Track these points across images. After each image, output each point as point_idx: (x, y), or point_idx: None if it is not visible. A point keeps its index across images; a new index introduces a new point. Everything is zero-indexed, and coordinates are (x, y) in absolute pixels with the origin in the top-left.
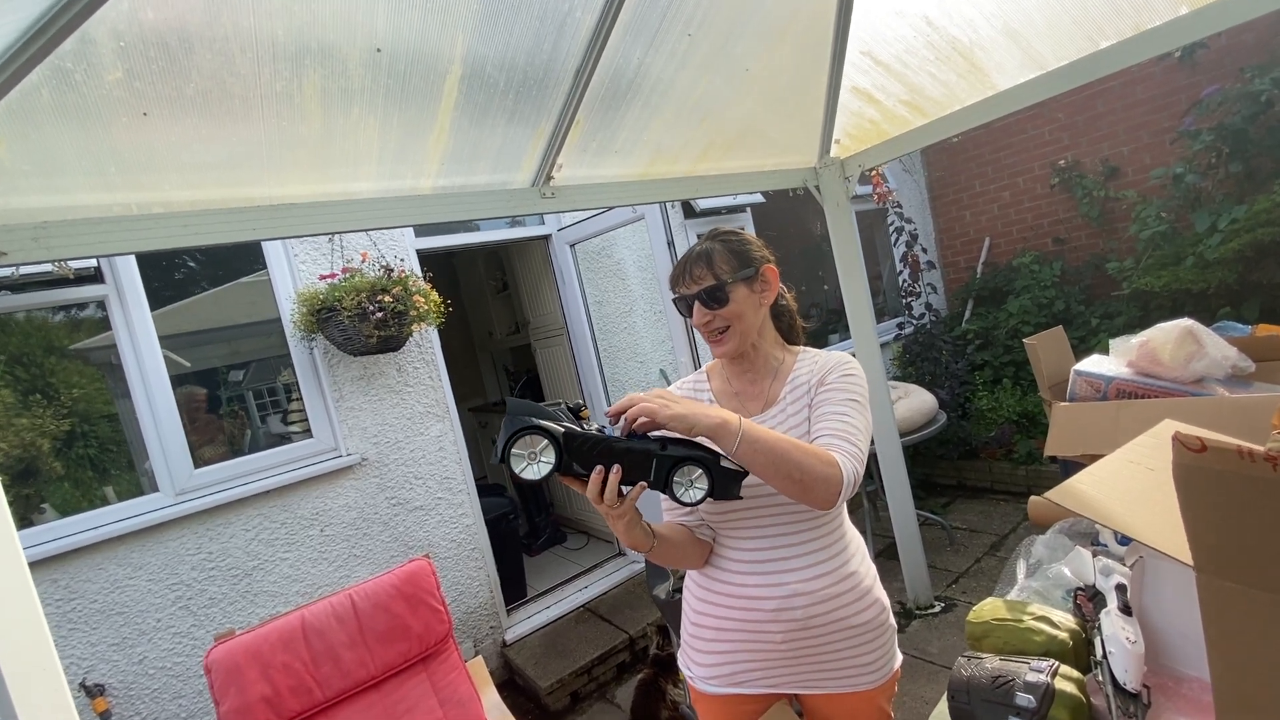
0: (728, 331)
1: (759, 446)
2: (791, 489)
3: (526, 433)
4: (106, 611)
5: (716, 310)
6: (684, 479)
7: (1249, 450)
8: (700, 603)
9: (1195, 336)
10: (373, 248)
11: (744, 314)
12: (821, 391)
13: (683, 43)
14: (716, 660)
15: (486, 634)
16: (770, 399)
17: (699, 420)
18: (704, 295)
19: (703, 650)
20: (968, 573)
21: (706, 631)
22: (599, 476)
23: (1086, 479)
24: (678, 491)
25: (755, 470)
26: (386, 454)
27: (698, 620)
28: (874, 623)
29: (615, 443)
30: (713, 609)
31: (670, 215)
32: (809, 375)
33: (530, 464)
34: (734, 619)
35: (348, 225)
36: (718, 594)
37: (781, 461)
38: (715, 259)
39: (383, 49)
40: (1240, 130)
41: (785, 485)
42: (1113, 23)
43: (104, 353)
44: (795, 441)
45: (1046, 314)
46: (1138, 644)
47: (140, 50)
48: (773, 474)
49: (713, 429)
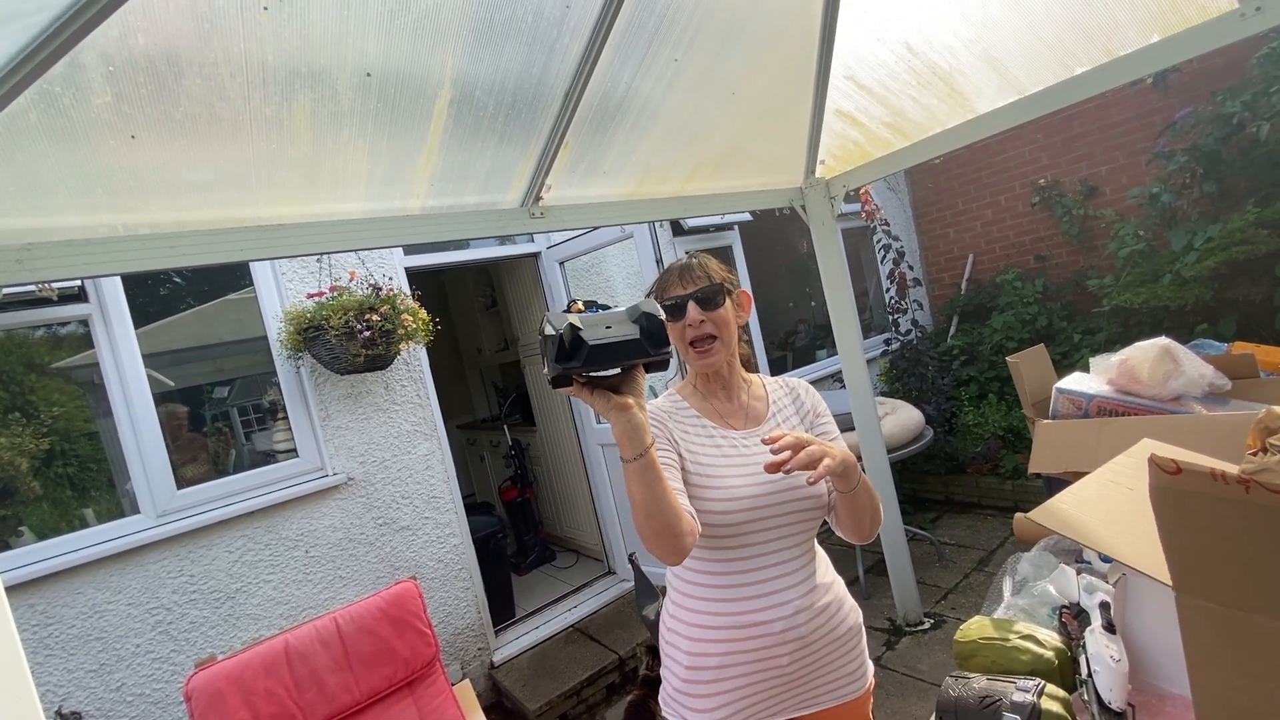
0: (715, 342)
1: (867, 486)
2: (862, 527)
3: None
4: (84, 637)
5: (710, 313)
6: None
7: (1222, 473)
8: (697, 643)
9: (1172, 355)
10: (361, 266)
11: (730, 324)
12: (820, 423)
13: (670, 66)
14: (721, 701)
15: (474, 655)
16: (755, 416)
17: (849, 459)
18: (701, 295)
19: (703, 695)
20: (956, 589)
21: (708, 673)
22: None
23: (1068, 498)
24: None
25: (854, 507)
26: (373, 473)
27: (695, 663)
28: (855, 629)
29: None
30: (714, 645)
31: (659, 233)
32: (789, 397)
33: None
34: (741, 650)
35: (336, 246)
36: (719, 628)
37: (873, 501)
38: (710, 266)
39: (373, 73)
40: (1213, 151)
41: (859, 524)
42: (1086, 50)
43: (86, 371)
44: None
45: (1030, 330)
46: (1122, 662)
47: (129, 75)
48: (865, 512)
49: (848, 469)
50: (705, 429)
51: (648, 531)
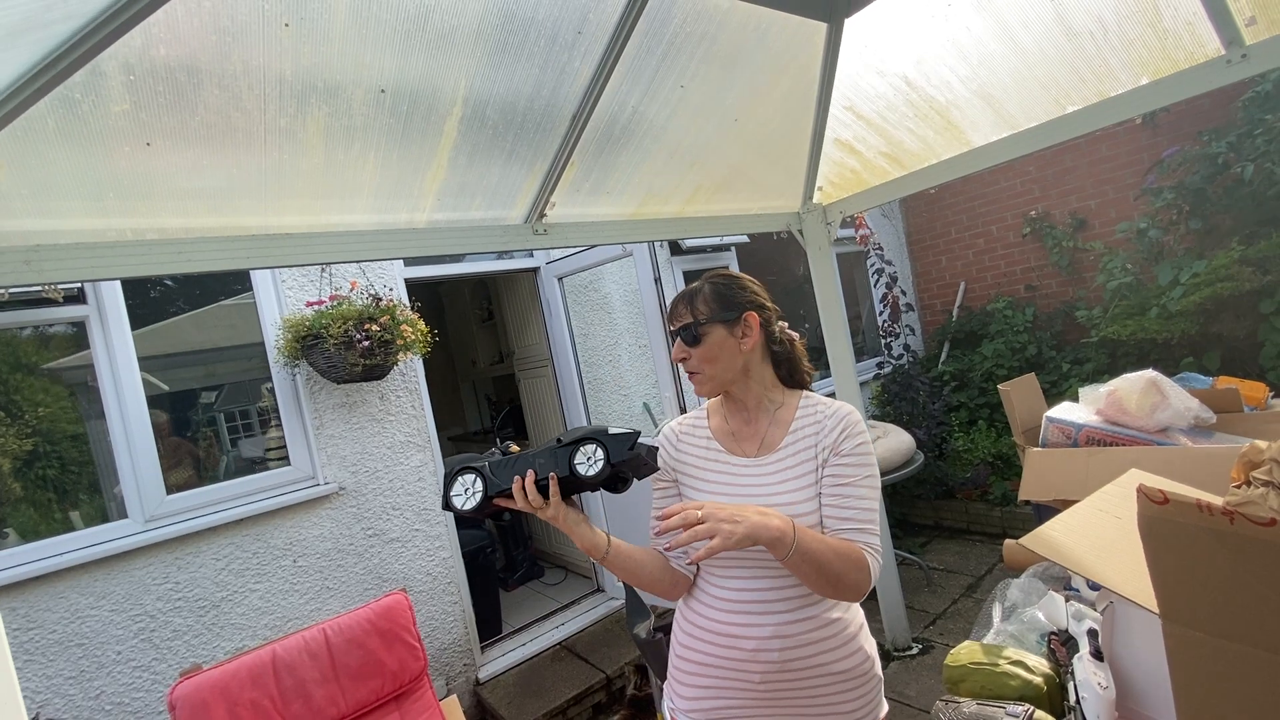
0: (701, 374)
1: (808, 556)
2: (825, 589)
3: (459, 475)
4: (65, 643)
5: (691, 350)
6: (583, 458)
7: (1208, 504)
8: (686, 636)
9: (1159, 388)
10: (362, 276)
11: (718, 358)
12: (838, 462)
13: (676, 92)
14: (698, 694)
15: (460, 671)
16: (769, 443)
17: (761, 535)
18: (682, 333)
19: (686, 684)
20: (945, 614)
21: (691, 665)
22: (518, 484)
23: (1058, 526)
24: (581, 470)
25: (798, 574)
26: (365, 483)
27: (683, 654)
28: (856, 670)
29: (523, 454)
30: (696, 643)
31: (658, 252)
32: (815, 428)
33: (468, 498)
34: (715, 655)
35: (341, 256)
36: (701, 629)
37: (825, 570)
38: (698, 300)
39: (387, 90)
40: (1199, 189)
41: (819, 586)
42: (1079, 90)
43: (78, 373)
44: (836, 549)
45: (1020, 358)
46: (1109, 689)
47: (149, 84)
48: (814, 578)
49: (772, 541)
50: (711, 451)
51: (620, 576)
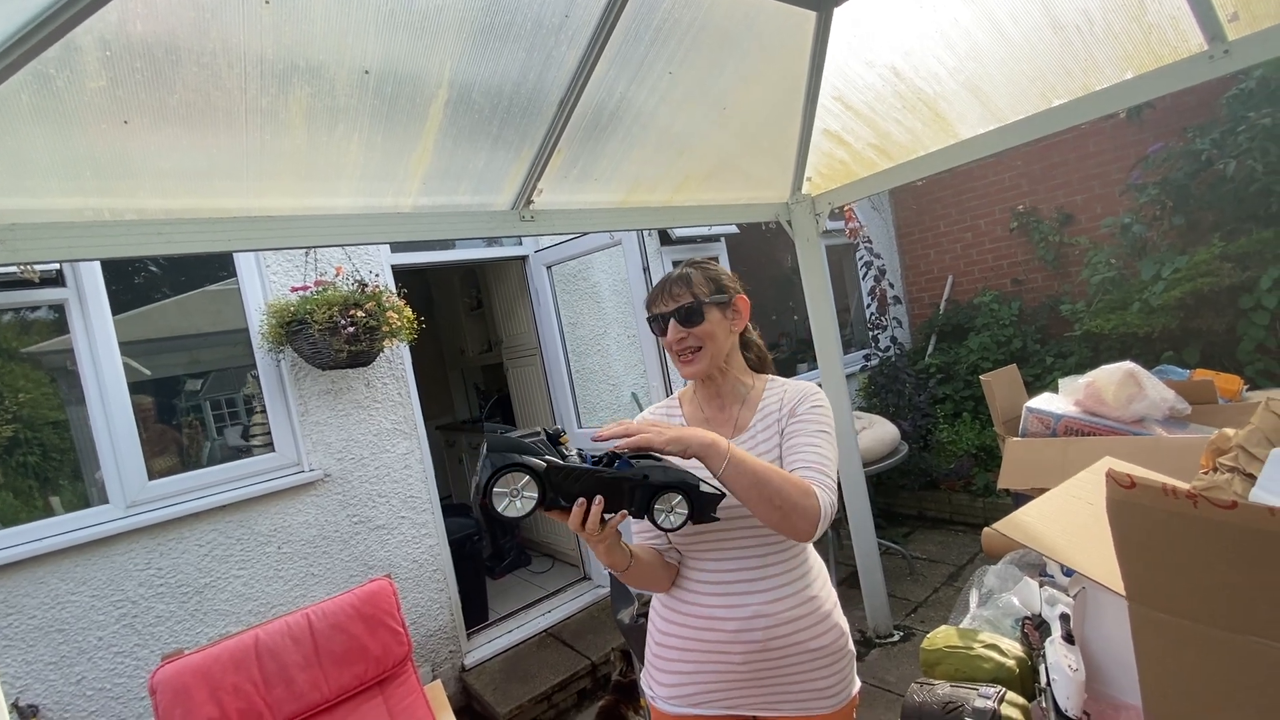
0: (699, 352)
1: (743, 469)
2: (772, 515)
3: (509, 470)
4: (45, 628)
5: (690, 329)
6: (665, 505)
7: (1173, 488)
8: (665, 623)
9: (1136, 379)
10: (348, 262)
11: (715, 335)
12: (793, 422)
13: (664, 79)
14: (678, 680)
15: (445, 658)
16: (740, 425)
17: (691, 441)
18: (681, 313)
19: (665, 670)
20: (926, 602)
21: (670, 651)
22: (581, 509)
23: (1032, 512)
24: (659, 518)
25: (738, 493)
26: (350, 470)
27: (662, 640)
28: (832, 647)
29: (598, 473)
30: (677, 629)
31: (647, 242)
32: (778, 403)
33: (513, 500)
34: (697, 639)
35: (325, 240)
36: (682, 614)
37: (764, 485)
38: (694, 281)
39: (371, 71)
40: (1183, 186)
41: (766, 511)
42: (1064, 83)
43: (58, 357)
44: (777, 469)
45: (1005, 351)
46: (1079, 672)
47: (126, 60)
48: (755, 498)
49: (704, 449)
50: None
51: (632, 584)
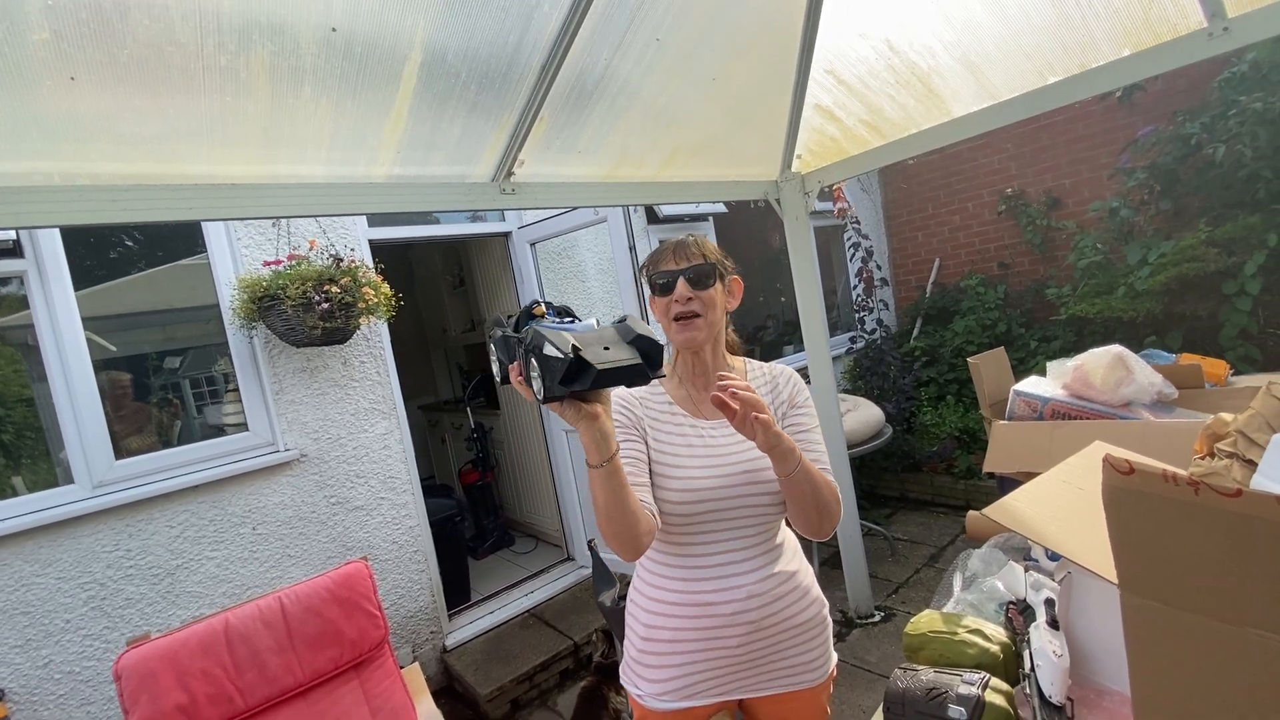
0: (699, 319)
1: (810, 475)
2: (812, 518)
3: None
4: (9, 611)
5: (699, 292)
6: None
7: (1173, 475)
8: (653, 615)
9: (1125, 363)
10: (322, 236)
11: (717, 305)
12: (795, 412)
13: (651, 47)
14: (670, 674)
15: (426, 639)
16: None
17: (783, 438)
18: (692, 272)
19: (655, 665)
20: (907, 583)
21: (660, 645)
22: (514, 370)
23: (1022, 496)
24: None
25: (794, 495)
26: (327, 450)
27: (649, 635)
28: (815, 620)
29: (508, 337)
30: (668, 620)
31: (633, 220)
32: (766, 387)
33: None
34: (691, 627)
35: (294, 210)
36: (673, 604)
37: (818, 492)
38: (706, 246)
39: (338, 29)
40: (1171, 170)
41: (809, 514)
42: (1061, 60)
43: (21, 332)
44: (824, 477)
45: (990, 335)
46: (1063, 658)
47: (70, 11)
48: (810, 504)
49: (786, 452)
50: (675, 417)
51: (608, 533)
